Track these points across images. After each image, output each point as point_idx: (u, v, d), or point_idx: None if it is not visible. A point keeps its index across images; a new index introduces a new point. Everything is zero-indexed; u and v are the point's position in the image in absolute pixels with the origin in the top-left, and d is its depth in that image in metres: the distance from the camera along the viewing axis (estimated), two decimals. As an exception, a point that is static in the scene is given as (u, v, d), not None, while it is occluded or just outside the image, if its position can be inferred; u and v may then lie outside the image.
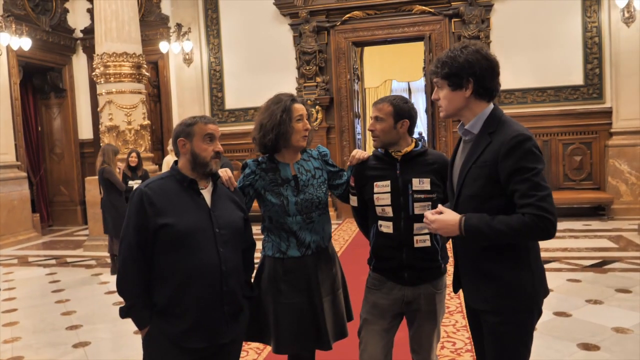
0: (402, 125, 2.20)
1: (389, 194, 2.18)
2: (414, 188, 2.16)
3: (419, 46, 9.50)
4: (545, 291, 1.83)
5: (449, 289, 2.40)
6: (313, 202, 2.27)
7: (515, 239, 1.73)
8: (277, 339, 2.23)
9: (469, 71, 1.77)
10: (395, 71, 13.40)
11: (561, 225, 6.97)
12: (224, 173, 2.17)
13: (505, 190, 1.70)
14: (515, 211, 1.68)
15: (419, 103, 13.50)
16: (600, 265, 5.32)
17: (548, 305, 1.89)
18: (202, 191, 2.03)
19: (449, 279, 2.30)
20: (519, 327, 1.77)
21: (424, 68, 9.54)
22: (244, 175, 2.30)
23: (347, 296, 2.43)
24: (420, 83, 12.43)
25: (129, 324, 4.09)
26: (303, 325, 2.21)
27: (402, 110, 2.20)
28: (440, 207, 1.81)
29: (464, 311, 3.94)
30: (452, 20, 8.44)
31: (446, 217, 1.75)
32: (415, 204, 2.15)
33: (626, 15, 7.74)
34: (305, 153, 2.37)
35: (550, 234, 1.64)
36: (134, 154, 6.37)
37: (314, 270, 2.25)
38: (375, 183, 2.22)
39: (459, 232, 1.72)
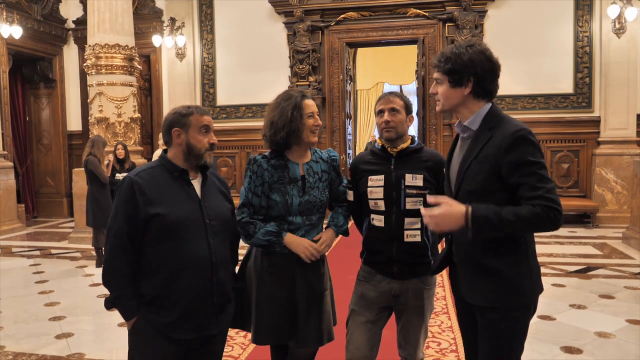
0: (409, 120, 2.26)
1: (382, 188, 2.20)
2: (406, 183, 2.18)
3: (412, 49, 9.53)
4: (540, 287, 1.84)
5: (439, 288, 2.41)
6: (315, 204, 2.26)
7: (523, 230, 1.73)
8: (256, 328, 2.23)
9: (471, 70, 1.79)
10: (387, 74, 13.43)
11: (547, 231, 7.03)
12: (309, 249, 2.18)
13: (507, 182, 1.70)
14: (516, 205, 1.68)
15: (411, 106, 13.50)
16: (584, 271, 5.38)
17: (534, 307, 1.89)
18: (192, 182, 2.01)
19: (439, 277, 2.31)
20: (516, 323, 1.78)
21: (416, 71, 9.58)
22: (254, 174, 2.21)
23: (332, 300, 2.40)
24: (412, 86, 12.45)
25: (113, 317, 4.09)
26: (282, 319, 2.20)
27: (409, 106, 2.28)
28: (437, 196, 1.73)
29: (450, 312, 3.96)
30: (446, 24, 8.47)
31: (449, 208, 1.67)
32: (407, 199, 2.18)
33: (617, 26, 7.84)
34: (315, 154, 2.35)
35: (558, 224, 1.67)
36: (120, 146, 6.34)
37: (300, 267, 2.22)
38: (369, 177, 2.24)
39: (464, 222, 1.65)
